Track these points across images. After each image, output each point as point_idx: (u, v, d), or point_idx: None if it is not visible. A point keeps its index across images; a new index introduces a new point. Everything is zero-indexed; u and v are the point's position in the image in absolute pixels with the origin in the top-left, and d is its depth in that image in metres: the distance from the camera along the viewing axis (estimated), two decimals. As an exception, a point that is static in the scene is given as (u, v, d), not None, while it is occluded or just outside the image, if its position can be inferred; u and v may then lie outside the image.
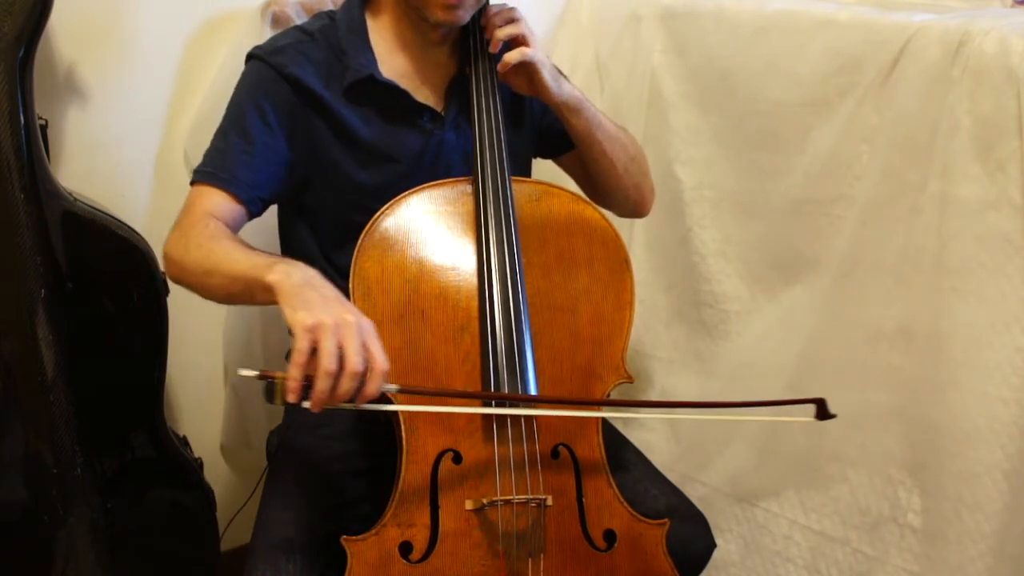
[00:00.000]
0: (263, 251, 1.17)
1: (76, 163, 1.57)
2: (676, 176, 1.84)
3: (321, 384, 0.98)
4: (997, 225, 1.38)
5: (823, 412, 1.19)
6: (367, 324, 1.03)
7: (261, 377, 1.01)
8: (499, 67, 1.28)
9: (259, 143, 1.27)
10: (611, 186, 1.40)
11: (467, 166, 1.29)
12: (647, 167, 1.47)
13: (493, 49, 1.29)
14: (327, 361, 0.98)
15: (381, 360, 1.01)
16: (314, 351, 0.98)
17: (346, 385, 0.99)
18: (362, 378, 1.00)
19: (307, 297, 1.03)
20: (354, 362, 0.99)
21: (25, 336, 1.38)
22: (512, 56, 1.27)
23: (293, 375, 0.98)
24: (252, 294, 1.11)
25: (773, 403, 1.24)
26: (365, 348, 1.00)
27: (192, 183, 1.28)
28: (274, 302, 1.06)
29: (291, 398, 0.99)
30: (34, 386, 1.40)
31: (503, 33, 1.28)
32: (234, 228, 1.26)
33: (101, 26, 1.57)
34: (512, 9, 1.32)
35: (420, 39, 1.32)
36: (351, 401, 1.01)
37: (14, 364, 1.39)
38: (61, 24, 1.49)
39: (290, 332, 1.02)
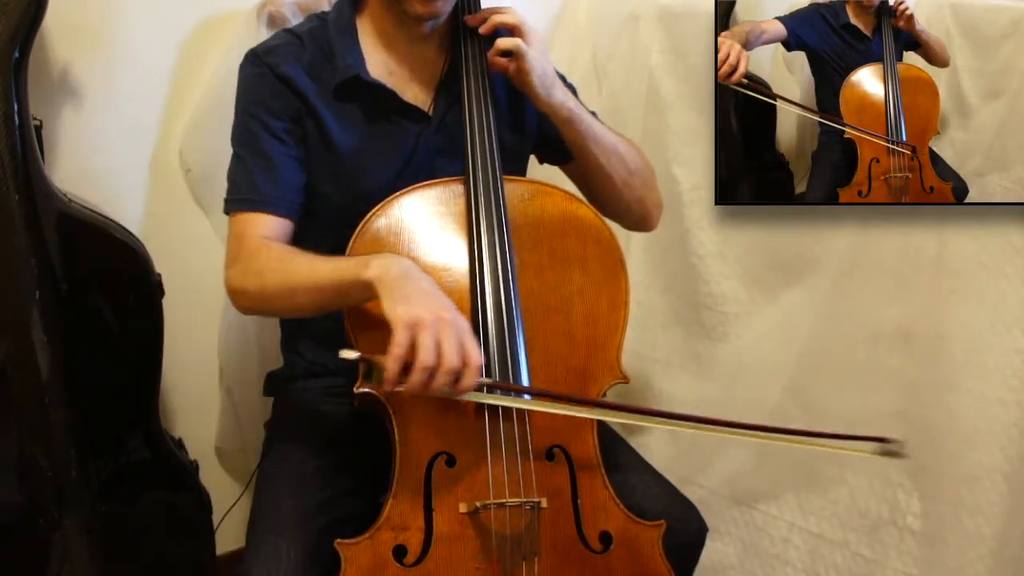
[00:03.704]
0: (334, 255, 1.19)
1: (71, 164, 1.57)
2: (674, 177, 1.83)
3: (417, 377, 1.04)
4: (997, 226, 1.38)
5: (888, 451, 1.16)
6: (463, 322, 1.09)
7: (362, 360, 1.08)
8: (490, 53, 1.27)
9: (277, 157, 1.28)
10: (610, 199, 1.38)
11: (453, 168, 1.28)
12: (652, 181, 1.43)
13: (485, 31, 1.28)
14: (426, 356, 1.04)
15: (476, 357, 1.07)
16: (412, 345, 1.04)
17: (441, 380, 1.05)
18: (457, 373, 1.06)
19: (406, 291, 1.08)
20: (451, 359, 1.05)
21: (20, 338, 1.38)
22: (505, 43, 1.26)
23: (391, 367, 1.04)
24: (346, 297, 1.15)
25: (835, 436, 1.18)
26: (461, 345, 1.06)
27: (227, 213, 1.29)
28: (370, 299, 1.10)
29: (388, 386, 1.06)
30: (29, 388, 1.39)
31: (499, 19, 1.27)
32: (287, 243, 1.27)
33: (96, 27, 1.57)
34: (511, 8, 1.30)
35: (405, 35, 1.31)
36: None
37: (8, 366, 1.38)
38: (56, 24, 1.48)
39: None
